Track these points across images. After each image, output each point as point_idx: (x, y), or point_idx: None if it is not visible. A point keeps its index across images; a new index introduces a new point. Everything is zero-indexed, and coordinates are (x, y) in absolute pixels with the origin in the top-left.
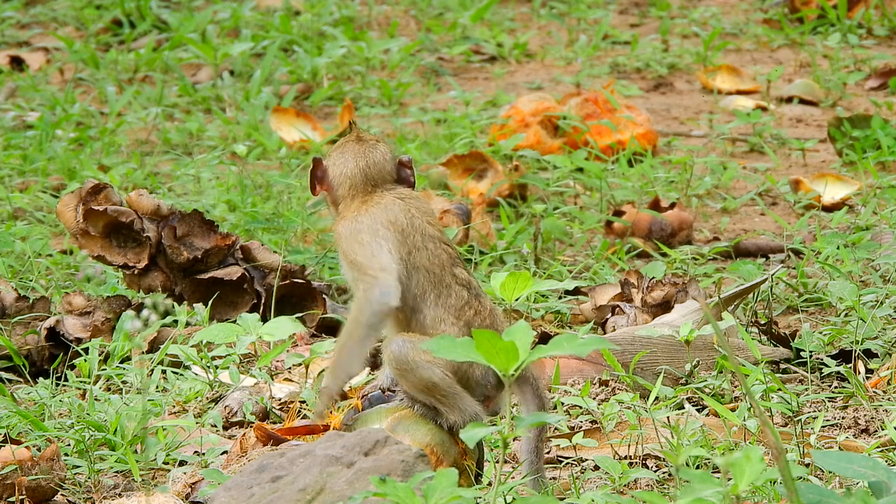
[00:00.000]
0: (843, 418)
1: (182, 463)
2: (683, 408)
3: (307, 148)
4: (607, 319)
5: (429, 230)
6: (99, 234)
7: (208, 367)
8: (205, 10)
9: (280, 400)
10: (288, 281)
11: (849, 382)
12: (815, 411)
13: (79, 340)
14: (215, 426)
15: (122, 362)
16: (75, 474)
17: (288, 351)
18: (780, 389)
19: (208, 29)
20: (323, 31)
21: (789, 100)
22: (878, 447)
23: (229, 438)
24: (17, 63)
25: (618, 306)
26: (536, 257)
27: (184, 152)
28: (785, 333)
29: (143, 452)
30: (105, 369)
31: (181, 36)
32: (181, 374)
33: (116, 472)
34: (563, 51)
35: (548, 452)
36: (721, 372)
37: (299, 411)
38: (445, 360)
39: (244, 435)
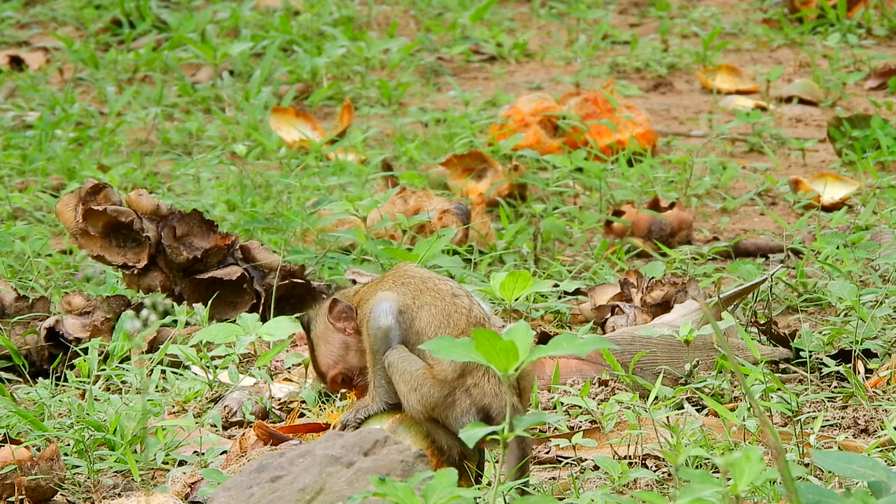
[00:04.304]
0: (842, 418)
1: (181, 463)
2: (683, 408)
3: (307, 148)
4: (607, 319)
5: (428, 275)
6: (98, 233)
7: (208, 367)
8: (204, 10)
9: (279, 400)
10: (287, 281)
11: (848, 382)
12: (814, 411)
13: (78, 340)
14: (215, 426)
15: (121, 362)
16: (75, 474)
17: (287, 351)
18: (779, 389)
19: (208, 29)
20: (322, 30)
21: (789, 100)
22: (877, 447)
23: (229, 438)
24: (17, 63)
25: (617, 306)
26: (536, 257)
27: (183, 152)
28: (784, 333)
29: (143, 452)
30: (105, 369)
31: (181, 36)
32: (181, 374)
33: (116, 472)
34: (563, 51)
35: (547, 452)
36: (721, 372)
37: (302, 414)
38: (424, 393)
39: (244, 435)
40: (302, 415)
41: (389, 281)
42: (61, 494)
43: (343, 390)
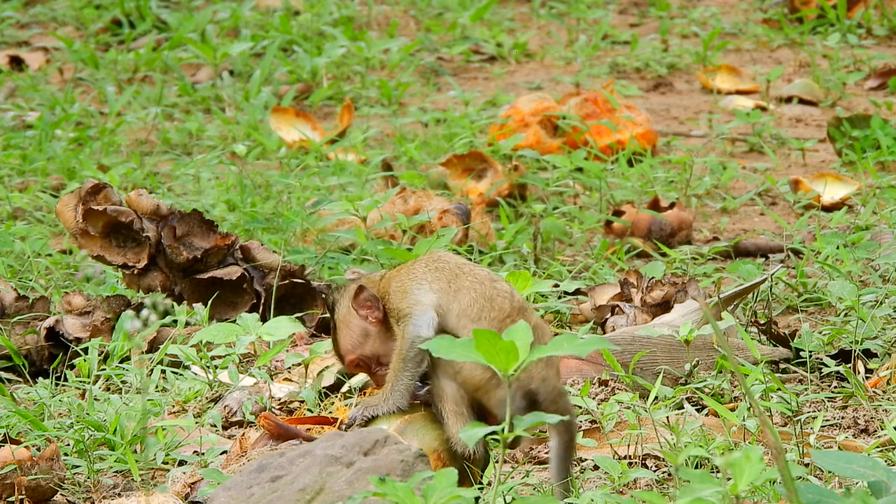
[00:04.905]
0: (842, 418)
1: (181, 463)
2: (683, 408)
3: (307, 148)
4: (607, 319)
5: (462, 261)
6: (98, 233)
7: (208, 366)
8: (204, 10)
9: (279, 400)
10: (287, 281)
11: (848, 382)
12: (814, 411)
13: (78, 340)
14: (215, 426)
15: (121, 362)
16: (75, 474)
17: (287, 351)
18: (779, 389)
19: (208, 29)
20: (322, 30)
21: (789, 100)
22: (877, 447)
23: (229, 438)
24: (17, 63)
25: (617, 306)
26: (536, 257)
27: (183, 152)
28: (785, 333)
29: (143, 452)
30: (105, 369)
31: (181, 36)
32: (181, 374)
33: (116, 471)
34: (563, 51)
35: (547, 452)
36: (721, 372)
37: (305, 414)
38: (467, 375)
39: (244, 435)
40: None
41: (422, 266)
42: (61, 494)
43: (360, 374)
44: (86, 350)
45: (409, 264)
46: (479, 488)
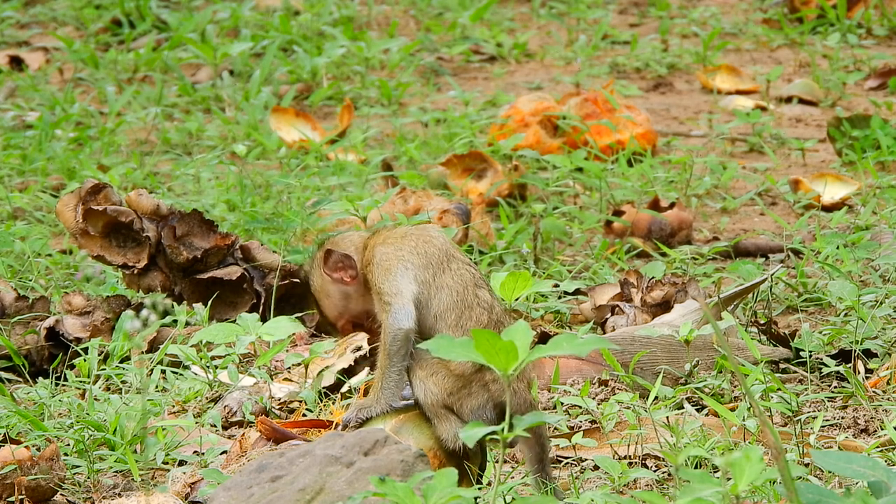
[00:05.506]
0: (842, 418)
1: (181, 463)
2: (683, 408)
3: (307, 148)
4: (607, 319)
5: (452, 251)
6: (98, 233)
7: (208, 367)
8: (204, 10)
9: (279, 400)
10: (287, 281)
11: (848, 382)
12: (814, 411)
13: (78, 340)
14: (215, 426)
15: (121, 362)
16: (75, 474)
17: (287, 351)
18: (779, 389)
19: (208, 29)
20: (322, 30)
21: (789, 100)
22: (877, 447)
23: (229, 438)
24: (17, 63)
25: (617, 306)
26: (536, 257)
27: (183, 152)
28: (785, 333)
29: (143, 452)
30: (104, 369)
31: (181, 36)
32: (181, 374)
33: (116, 471)
34: (563, 51)
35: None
36: (721, 372)
37: (303, 414)
38: (441, 378)
39: (244, 435)
40: (303, 415)
41: (410, 245)
42: (61, 494)
43: (355, 333)
44: (86, 350)
45: (399, 236)
46: (478, 488)
